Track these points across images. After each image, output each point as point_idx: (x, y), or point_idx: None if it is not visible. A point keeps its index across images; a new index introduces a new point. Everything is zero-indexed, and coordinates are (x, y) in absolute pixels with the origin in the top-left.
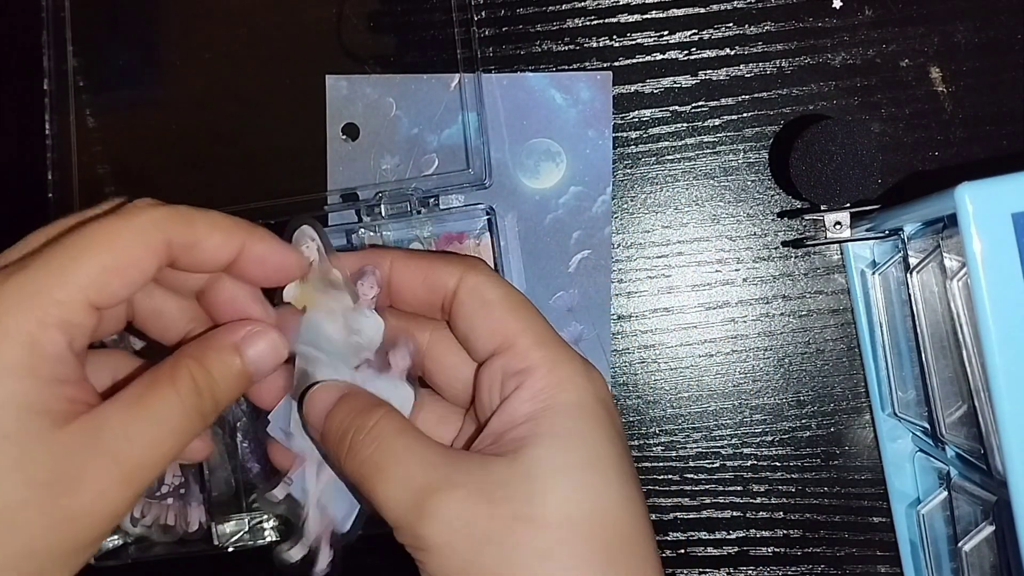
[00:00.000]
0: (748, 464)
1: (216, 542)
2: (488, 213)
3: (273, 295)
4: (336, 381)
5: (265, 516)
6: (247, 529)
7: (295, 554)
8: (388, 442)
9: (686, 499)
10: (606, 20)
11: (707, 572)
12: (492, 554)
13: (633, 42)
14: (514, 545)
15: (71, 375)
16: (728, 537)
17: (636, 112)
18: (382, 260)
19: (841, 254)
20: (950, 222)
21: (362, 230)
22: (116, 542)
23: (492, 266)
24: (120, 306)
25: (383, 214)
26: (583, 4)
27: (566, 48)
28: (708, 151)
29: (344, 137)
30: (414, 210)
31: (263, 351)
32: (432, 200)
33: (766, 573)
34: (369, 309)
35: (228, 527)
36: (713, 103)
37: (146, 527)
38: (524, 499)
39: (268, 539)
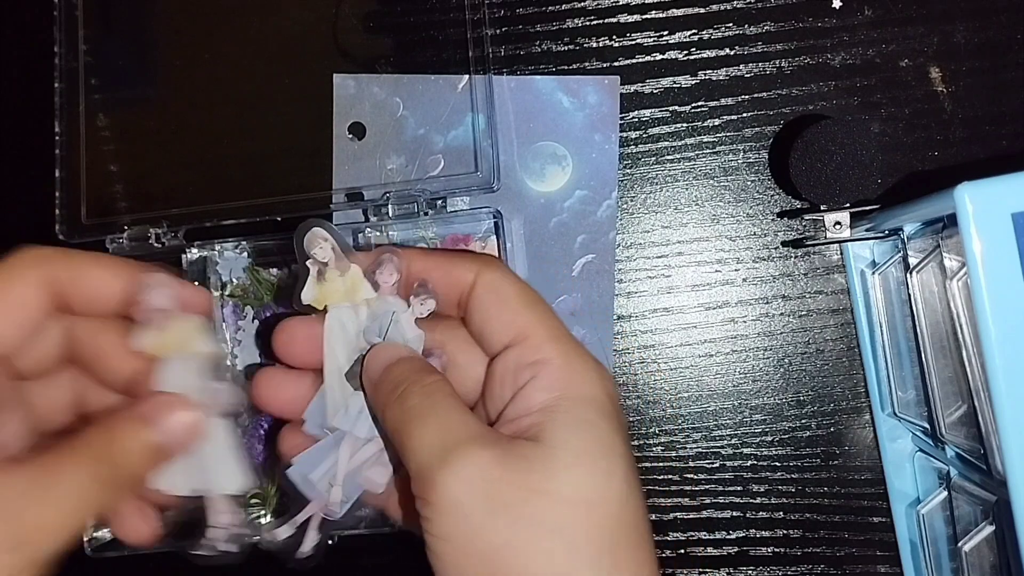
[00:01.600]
0: (748, 464)
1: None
2: (495, 217)
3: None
4: (399, 345)
5: (262, 511)
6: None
7: (281, 533)
8: (437, 397)
9: (686, 499)
10: (606, 20)
11: (707, 572)
12: (505, 521)
13: (633, 42)
14: (528, 515)
15: None
16: (728, 537)
17: (636, 112)
18: (399, 254)
19: (841, 254)
20: (950, 222)
21: (368, 230)
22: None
23: None
24: (47, 342)
25: (390, 214)
26: (583, 4)
27: (566, 48)
28: (708, 151)
29: (350, 136)
30: (421, 211)
31: (178, 426)
32: (439, 202)
33: (766, 573)
34: (392, 296)
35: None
36: (713, 103)
37: None
38: (544, 475)
39: (262, 535)
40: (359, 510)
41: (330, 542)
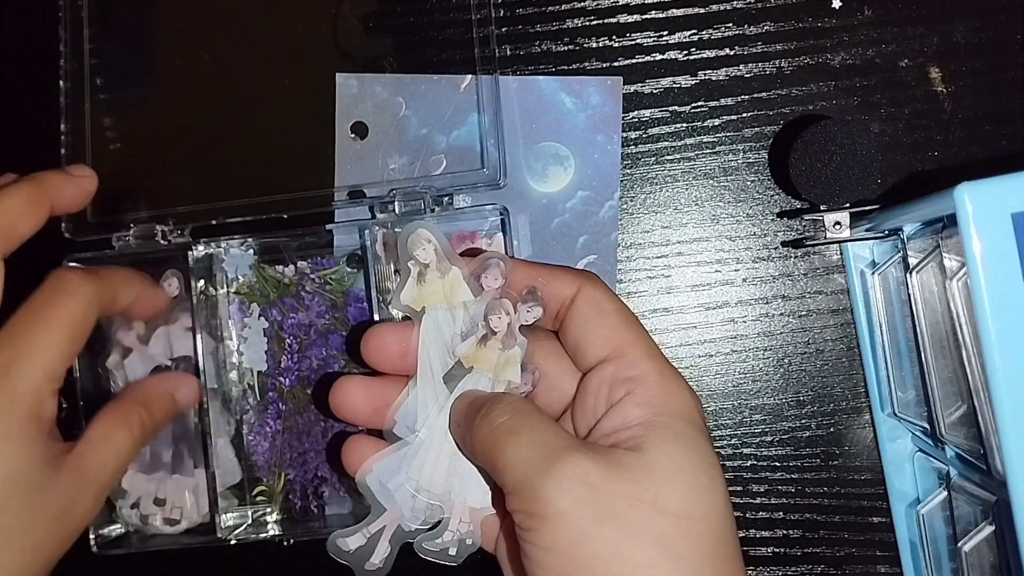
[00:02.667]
0: (748, 464)
1: (218, 534)
2: (502, 213)
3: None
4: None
5: (268, 509)
6: (250, 522)
7: (352, 542)
8: (524, 413)
9: None
10: (605, 20)
11: None
12: (611, 529)
13: (633, 42)
14: (635, 525)
15: (54, 429)
16: None
17: (636, 112)
18: (506, 260)
19: (841, 254)
20: (950, 222)
21: (375, 227)
22: (118, 531)
23: None
24: None
25: (396, 211)
26: (583, 4)
27: (565, 48)
28: (708, 151)
29: (353, 135)
30: (427, 208)
31: (189, 394)
32: (445, 199)
33: (766, 573)
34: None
35: (231, 519)
36: (713, 103)
37: (134, 505)
38: (648, 486)
39: (271, 532)
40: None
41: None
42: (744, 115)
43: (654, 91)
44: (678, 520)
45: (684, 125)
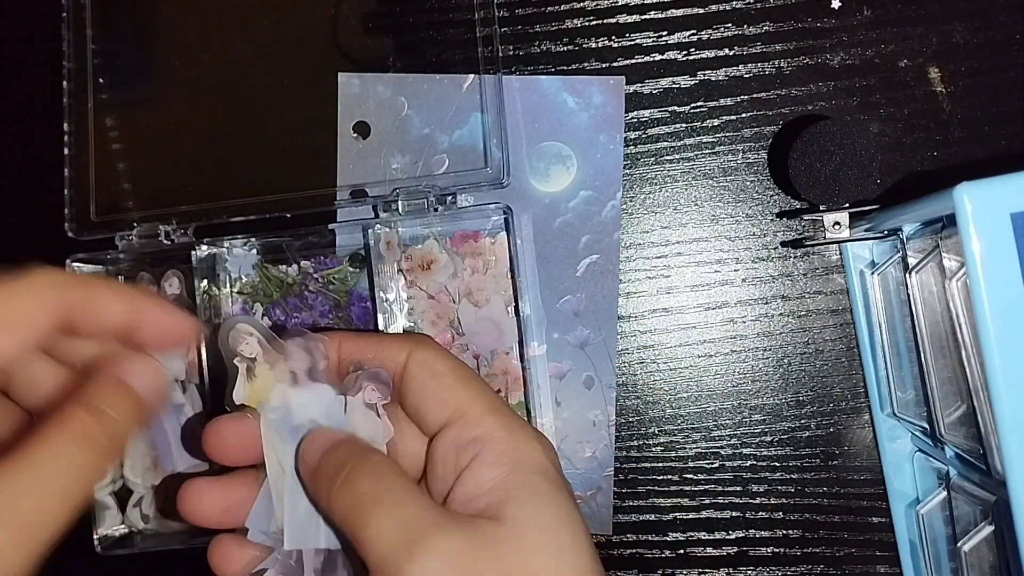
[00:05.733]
0: (747, 464)
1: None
2: (505, 212)
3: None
4: (335, 430)
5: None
6: None
7: None
8: (388, 480)
9: (685, 499)
10: (605, 21)
11: (707, 572)
12: None
13: (632, 43)
14: None
15: None
16: (727, 537)
17: (635, 112)
18: (330, 340)
19: (840, 254)
20: (949, 222)
21: (378, 226)
22: (122, 530)
23: (508, 265)
24: (45, 364)
25: (400, 210)
26: (582, 5)
27: (565, 49)
28: (707, 151)
29: (355, 135)
30: (431, 207)
31: (146, 375)
32: (448, 198)
33: (766, 573)
34: (319, 383)
35: None
36: (712, 103)
37: (137, 505)
38: (515, 559)
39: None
40: None
41: None
42: (743, 115)
43: (654, 91)
44: None
45: (683, 125)
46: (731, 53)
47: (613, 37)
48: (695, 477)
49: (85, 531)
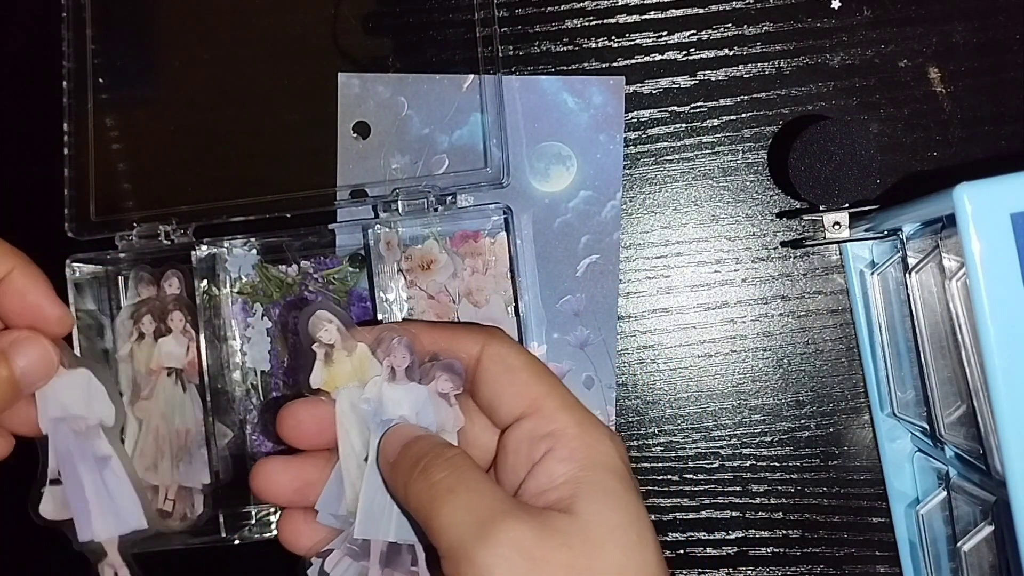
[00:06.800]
0: (747, 464)
1: (222, 533)
2: (505, 212)
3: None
4: (416, 426)
5: (272, 508)
6: (253, 522)
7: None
8: (462, 470)
9: (685, 499)
10: (605, 21)
11: (707, 572)
12: None
13: (632, 43)
14: None
15: None
16: (727, 537)
17: (635, 112)
18: (404, 331)
19: (840, 254)
20: (949, 222)
21: (378, 226)
22: None
23: (508, 265)
24: None
25: (400, 210)
26: (582, 5)
27: (565, 49)
28: (707, 151)
29: (355, 135)
30: (431, 207)
31: (33, 359)
32: (448, 198)
33: (765, 573)
34: (414, 382)
35: (234, 519)
36: (712, 103)
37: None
38: (582, 550)
39: (274, 532)
40: None
41: None
42: (743, 115)
43: (653, 91)
44: None
45: (683, 125)
46: (731, 53)
47: (613, 37)
48: (695, 477)
49: None
